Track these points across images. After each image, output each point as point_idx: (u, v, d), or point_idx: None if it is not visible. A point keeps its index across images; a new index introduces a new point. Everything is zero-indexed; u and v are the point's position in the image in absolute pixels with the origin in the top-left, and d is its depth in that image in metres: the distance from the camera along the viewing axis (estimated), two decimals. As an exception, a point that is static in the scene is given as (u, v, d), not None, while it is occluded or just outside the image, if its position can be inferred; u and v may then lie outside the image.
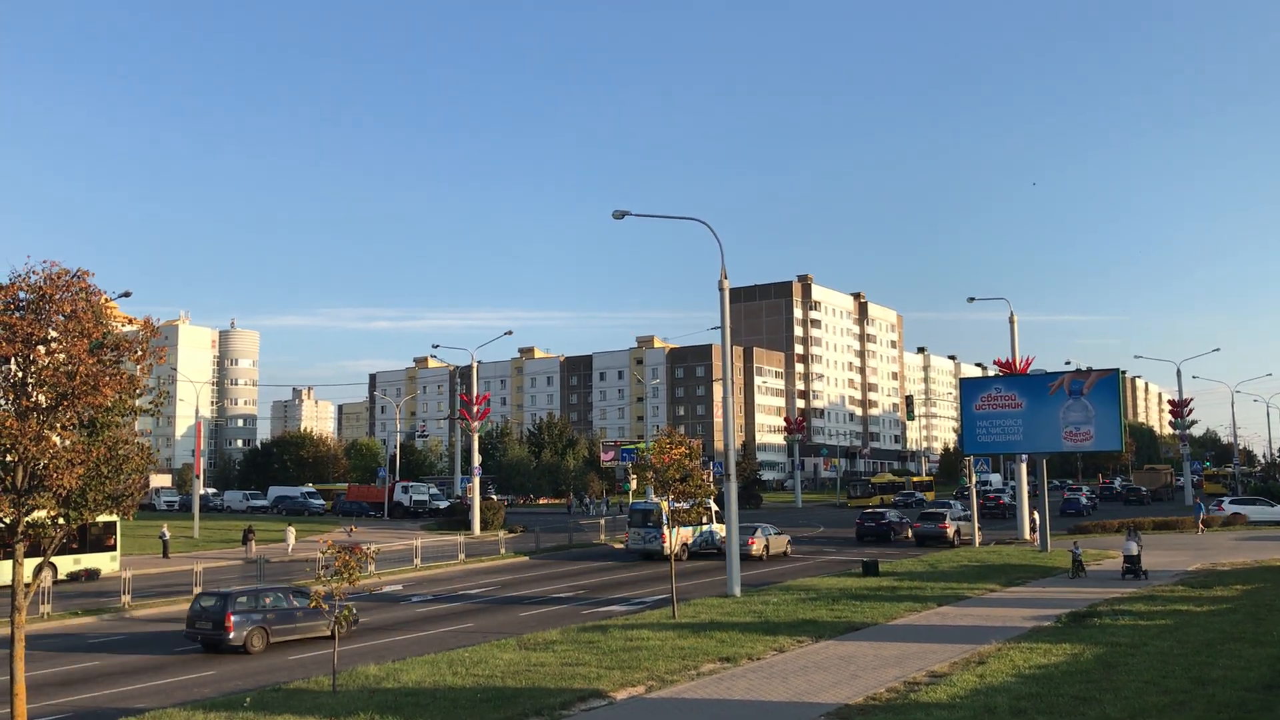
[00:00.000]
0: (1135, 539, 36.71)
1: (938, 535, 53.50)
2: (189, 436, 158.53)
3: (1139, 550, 36.21)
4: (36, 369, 14.73)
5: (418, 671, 20.15)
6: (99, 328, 15.01)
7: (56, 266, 15.03)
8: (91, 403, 14.66)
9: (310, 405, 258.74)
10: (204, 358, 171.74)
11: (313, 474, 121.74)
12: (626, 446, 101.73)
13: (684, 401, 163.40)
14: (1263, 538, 51.72)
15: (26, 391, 14.65)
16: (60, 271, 15.02)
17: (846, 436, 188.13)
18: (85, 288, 15.13)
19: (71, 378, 14.43)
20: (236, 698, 18.25)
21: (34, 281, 14.84)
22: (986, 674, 19.02)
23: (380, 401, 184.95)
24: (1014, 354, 56.57)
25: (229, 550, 53.97)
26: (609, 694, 18.13)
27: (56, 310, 14.76)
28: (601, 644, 23.03)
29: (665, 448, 28.39)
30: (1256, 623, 24.56)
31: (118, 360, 15.45)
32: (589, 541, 57.52)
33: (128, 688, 21.54)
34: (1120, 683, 18.00)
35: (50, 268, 14.92)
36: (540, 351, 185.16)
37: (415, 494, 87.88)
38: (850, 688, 18.39)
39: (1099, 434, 45.69)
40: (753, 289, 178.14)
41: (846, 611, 27.86)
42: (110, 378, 14.83)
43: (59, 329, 14.81)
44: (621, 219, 33.95)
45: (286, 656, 24.90)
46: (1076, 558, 37.58)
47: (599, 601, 34.27)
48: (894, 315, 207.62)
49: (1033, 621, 26.13)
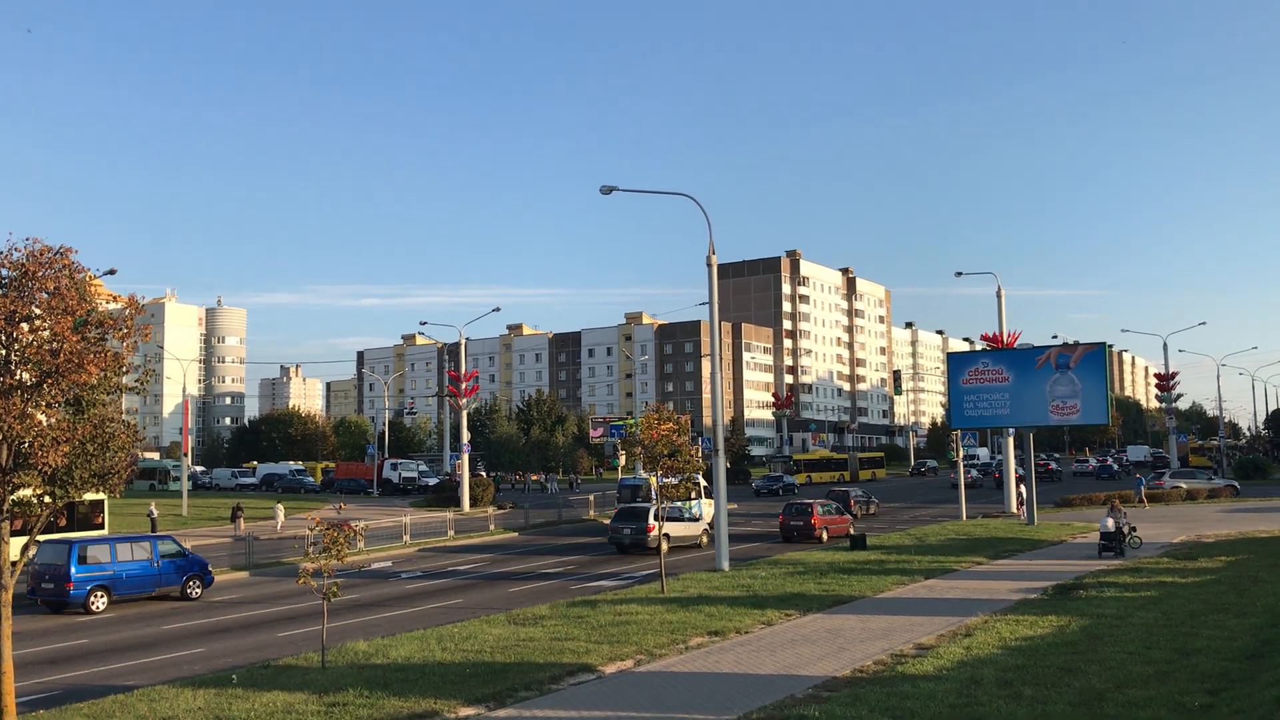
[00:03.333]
0: (1115, 514, 35.45)
1: (806, 531, 43.63)
2: (177, 414, 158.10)
3: (1116, 526, 34.95)
4: (20, 346, 14.60)
5: (407, 647, 20.19)
6: (83, 305, 14.87)
7: (39, 243, 14.88)
8: (76, 380, 14.54)
9: (298, 383, 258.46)
10: (191, 336, 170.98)
11: (301, 452, 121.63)
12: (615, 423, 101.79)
13: (673, 378, 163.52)
14: (1248, 509, 52.11)
15: (10, 369, 14.53)
16: (43, 249, 14.86)
17: (835, 412, 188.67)
18: (69, 265, 14.98)
19: (55, 355, 14.31)
20: (225, 674, 18.27)
21: (16, 259, 14.69)
22: (973, 646, 19.14)
23: (368, 379, 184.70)
24: (1001, 328, 56.76)
25: (218, 528, 53.94)
26: (598, 668, 18.21)
27: (39, 288, 14.61)
28: (590, 619, 23.11)
29: (653, 423, 28.43)
30: (1240, 594, 24.75)
31: (102, 338, 15.32)
32: (579, 518, 57.65)
33: (116, 665, 21.55)
34: (1105, 654, 18.14)
35: (33, 245, 14.77)
36: (529, 328, 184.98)
37: (404, 471, 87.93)
38: (838, 660, 18.50)
39: (1085, 407, 45.91)
40: (741, 265, 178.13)
41: (834, 585, 27.99)
42: (95, 355, 14.71)
43: (42, 306, 14.67)
44: (610, 194, 33.85)
45: (276, 633, 24.94)
46: (1120, 528, 35.14)
47: (588, 577, 34.38)
48: (882, 290, 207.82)
49: (1019, 594, 26.30)
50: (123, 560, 31.09)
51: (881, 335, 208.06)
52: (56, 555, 30.18)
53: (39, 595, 30.15)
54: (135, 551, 31.58)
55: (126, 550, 31.46)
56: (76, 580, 29.59)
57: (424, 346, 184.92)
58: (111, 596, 30.47)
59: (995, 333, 56.79)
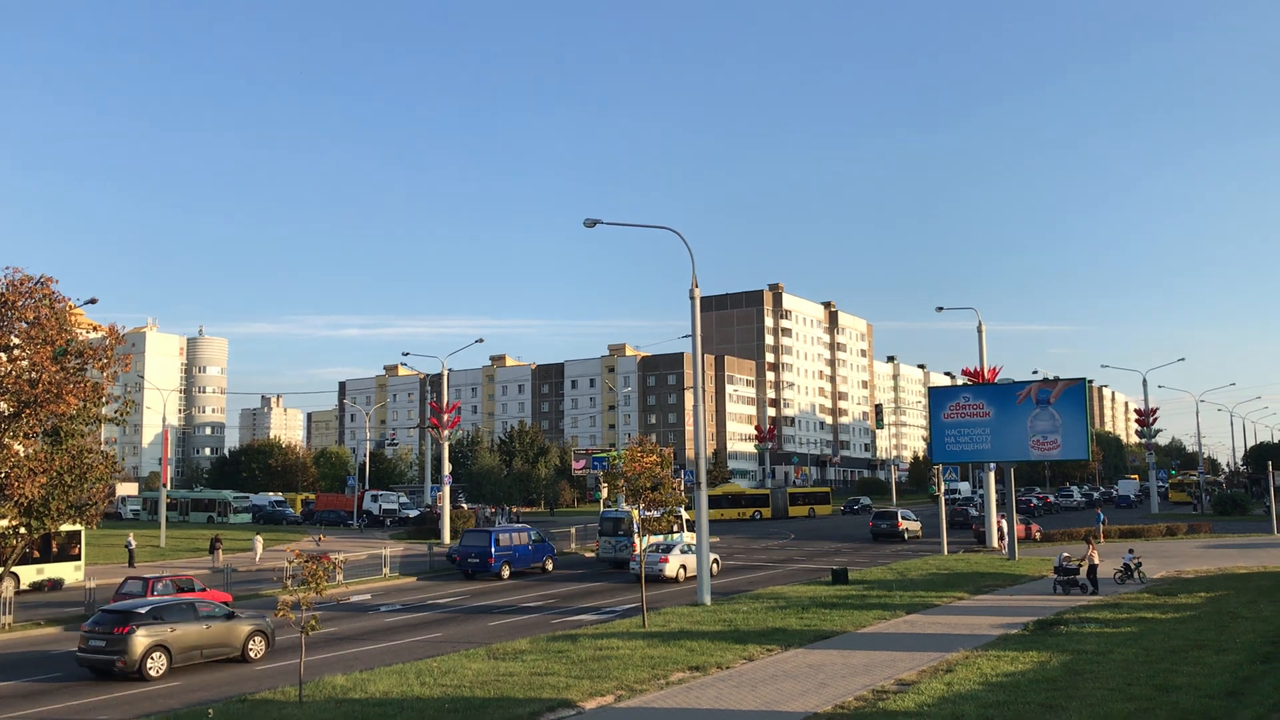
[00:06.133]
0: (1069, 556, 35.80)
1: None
2: (156, 445, 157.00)
3: (1079, 561, 35.51)
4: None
5: (385, 682, 20.01)
6: (63, 335, 14.87)
7: (20, 273, 14.87)
8: (54, 411, 14.52)
9: (279, 413, 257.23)
10: (172, 365, 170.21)
11: (281, 483, 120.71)
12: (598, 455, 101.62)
13: (656, 409, 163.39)
14: (1227, 545, 52.28)
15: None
16: (23, 278, 14.88)
17: (817, 445, 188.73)
18: (49, 294, 14.99)
19: (34, 385, 14.28)
20: (201, 709, 18.07)
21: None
22: (954, 682, 19.11)
23: (350, 409, 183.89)
24: (982, 363, 57.02)
25: (196, 559, 53.44)
26: (578, 704, 18.08)
27: (19, 317, 14.60)
28: (571, 653, 22.96)
29: (637, 456, 28.39)
30: (1220, 630, 24.81)
31: (82, 368, 15.29)
32: (559, 550, 57.31)
33: (92, 699, 21.25)
34: (1086, 690, 18.13)
35: (13, 274, 14.76)
36: (512, 359, 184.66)
37: (385, 503, 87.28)
38: (819, 696, 18.42)
39: (1066, 443, 46.08)
40: (724, 298, 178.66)
41: (816, 620, 27.92)
42: (74, 385, 14.70)
43: (21, 336, 14.64)
44: (593, 227, 33.88)
45: (253, 667, 24.66)
46: (1128, 565, 37.01)
47: (569, 610, 34.18)
48: (864, 324, 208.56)
49: (1000, 629, 26.28)
50: (518, 544, 45.30)
51: (863, 369, 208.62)
52: (479, 540, 44.69)
53: (465, 567, 43.90)
54: (521, 537, 45.96)
55: (519, 536, 45.87)
56: (496, 556, 43.76)
57: (406, 377, 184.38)
58: (511, 569, 44.26)
59: (976, 367, 57.04)
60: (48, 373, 14.23)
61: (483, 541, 44.25)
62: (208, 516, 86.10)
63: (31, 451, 14.63)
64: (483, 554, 43.61)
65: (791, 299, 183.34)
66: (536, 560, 46.15)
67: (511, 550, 44.61)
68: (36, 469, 14.28)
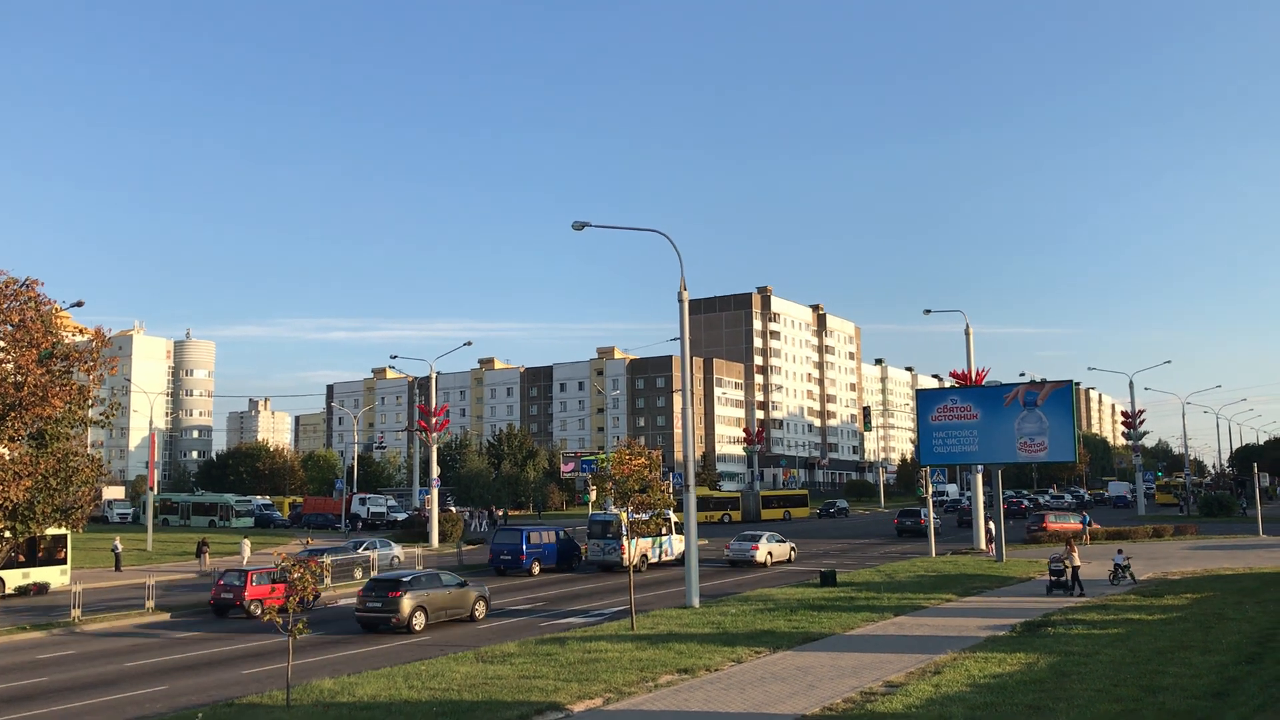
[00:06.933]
0: (1066, 554, 35.35)
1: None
2: (143, 448, 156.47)
3: (1067, 564, 35.18)
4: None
5: (373, 685, 19.97)
6: (48, 337, 14.78)
7: (5, 275, 14.79)
8: (40, 414, 14.43)
9: (267, 416, 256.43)
10: (159, 368, 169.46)
11: (269, 486, 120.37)
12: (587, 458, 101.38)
13: (644, 412, 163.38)
14: (1213, 546, 52.48)
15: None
16: (9, 280, 14.78)
17: (805, 447, 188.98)
18: (34, 297, 14.90)
19: (19, 388, 14.20)
20: (189, 713, 18.01)
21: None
22: (942, 684, 19.15)
23: (338, 413, 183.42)
24: (970, 366, 57.16)
25: (183, 563, 53.25)
26: (566, 706, 18.07)
27: (4, 319, 14.50)
28: (559, 656, 22.95)
29: (625, 459, 28.40)
30: (1205, 631, 24.91)
31: (68, 371, 15.23)
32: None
33: (78, 704, 21.16)
34: (1073, 691, 18.19)
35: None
36: (500, 362, 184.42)
37: (373, 506, 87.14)
38: (807, 698, 18.44)
39: (1053, 445, 46.19)
40: (713, 300, 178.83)
41: (804, 622, 27.95)
42: (60, 388, 14.62)
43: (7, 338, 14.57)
44: (582, 230, 33.84)
45: (240, 671, 24.59)
46: (1119, 565, 36.99)
47: (557, 613, 34.14)
48: (852, 327, 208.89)
49: (988, 631, 26.34)
50: (546, 542, 47.51)
51: (851, 371, 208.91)
52: (512, 538, 47.12)
53: (497, 564, 46.42)
54: (548, 536, 47.98)
55: (546, 535, 48.00)
56: (528, 553, 46.13)
57: (394, 380, 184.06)
58: (542, 565, 46.75)
59: (964, 370, 57.18)
60: (33, 375, 14.14)
61: (514, 539, 46.86)
62: (209, 520, 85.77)
63: (16, 455, 14.54)
64: (514, 550, 46.26)
65: (780, 302, 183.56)
66: (564, 559, 48.46)
67: (541, 548, 47.19)
68: (21, 472, 14.19)
